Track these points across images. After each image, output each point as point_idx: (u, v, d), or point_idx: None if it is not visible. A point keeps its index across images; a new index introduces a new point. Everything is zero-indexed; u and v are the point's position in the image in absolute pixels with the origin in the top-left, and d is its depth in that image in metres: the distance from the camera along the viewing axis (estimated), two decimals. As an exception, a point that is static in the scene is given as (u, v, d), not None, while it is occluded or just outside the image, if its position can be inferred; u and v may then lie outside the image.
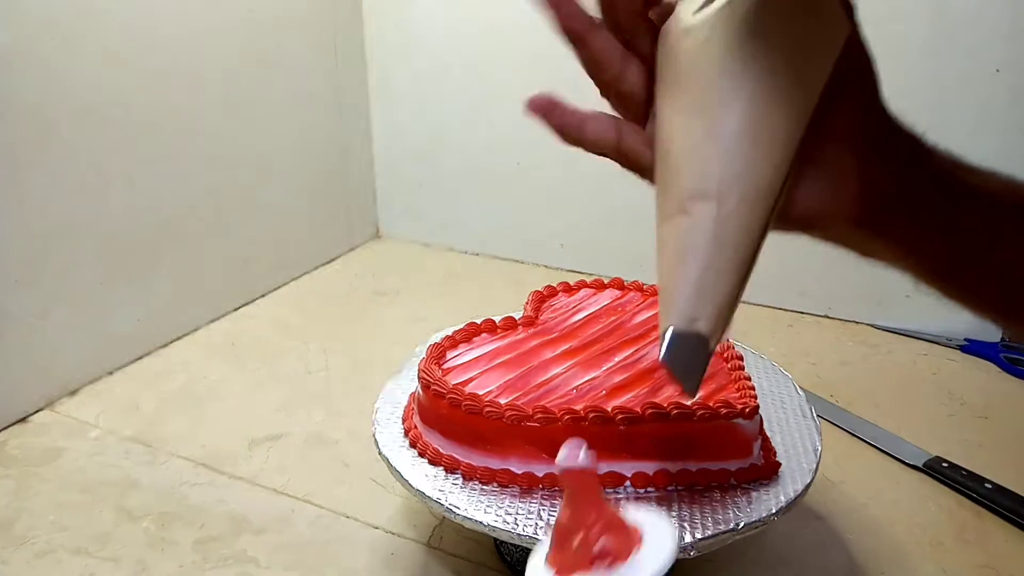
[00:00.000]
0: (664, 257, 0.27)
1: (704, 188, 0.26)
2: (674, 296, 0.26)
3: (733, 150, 0.26)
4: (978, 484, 0.56)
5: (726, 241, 0.26)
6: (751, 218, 0.26)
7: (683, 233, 0.26)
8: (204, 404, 0.69)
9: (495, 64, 0.96)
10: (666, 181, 0.28)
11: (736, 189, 0.26)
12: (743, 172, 0.26)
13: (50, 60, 0.64)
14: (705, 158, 0.26)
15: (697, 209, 0.26)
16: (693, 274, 0.26)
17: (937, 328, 0.83)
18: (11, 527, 0.53)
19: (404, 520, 0.55)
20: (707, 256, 0.26)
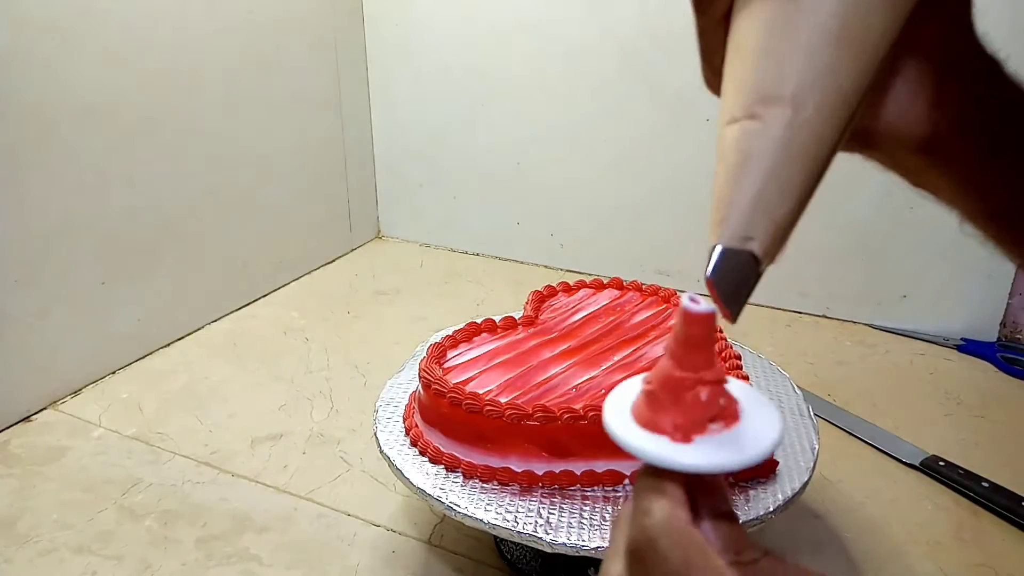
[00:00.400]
0: (723, 164, 0.24)
1: (778, 90, 0.23)
2: (729, 208, 0.24)
3: (817, 49, 0.23)
4: (975, 483, 0.57)
5: (796, 152, 0.23)
6: (826, 129, 0.23)
7: (748, 138, 0.23)
8: (206, 403, 0.70)
9: (495, 64, 0.96)
10: (736, 78, 0.24)
11: (815, 95, 0.23)
12: (825, 76, 0.23)
13: (50, 60, 0.64)
14: (783, 55, 0.23)
15: (768, 113, 0.23)
16: (753, 186, 0.23)
17: (934, 328, 0.83)
18: (14, 526, 0.54)
19: (405, 518, 0.55)
20: (772, 167, 0.23)
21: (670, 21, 0.85)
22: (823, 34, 0.22)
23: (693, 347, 0.24)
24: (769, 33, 0.23)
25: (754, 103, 0.23)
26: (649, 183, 0.93)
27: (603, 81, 0.91)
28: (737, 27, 0.25)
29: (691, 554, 0.20)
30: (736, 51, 0.25)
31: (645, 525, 0.22)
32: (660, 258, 0.96)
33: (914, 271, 0.83)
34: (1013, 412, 0.69)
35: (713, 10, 0.25)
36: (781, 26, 0.23)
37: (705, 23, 0.26)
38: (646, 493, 0.22)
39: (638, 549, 0.21)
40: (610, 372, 0.48)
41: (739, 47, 0.25)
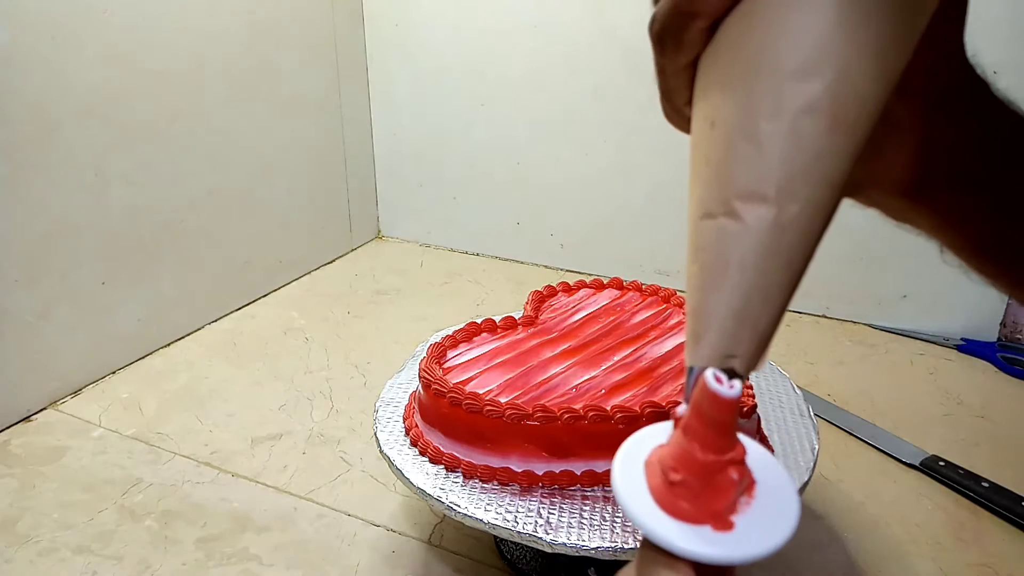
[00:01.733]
0: (698, 268, 0.21)
1: (761, 186, 0.20)
2: (707, 323, 0.21)
3: (806, 133, 0.19)
4: (975, 483, 0.57)
5: (780, 256, 0.20)
6: (814, 225, 0.20)
7: (727, 240, 0.20)
8: (206, 403, 0.70)
9: (495, 64, 0.96)
10: (709, 161, 0.21)
11: (803, 189, 0.20)
12: (814, 164, 0.20)
13: (50, 60, 0.65)
14: (765, 141, 0.20)
15: (750, 212, 0.20)
16: (735, 298, 0.20)
17: (934, 328, 0.83)
18: (14, 526, 0.54)
19: (405, 518, 0.55)
20: (754, 275, 0.20)
21: (670, 21, 0.84)
22: (812, 116, 0.19)
23: (721, 430, 0.21)
24: (747, 111, 0.20)
25: (732, 198, 0.20)
26: (649, 183, 0.93)
27: (603, 81, 0.91)
28: (708, 90, 0.22)
29: None
30: (708, 123, 0.22)
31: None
32: (660, 258, 0.96)
33: (914, 271, 0.83)
34: (1013, 412, 0.69)
35: (679, 56, 0.23)
36: (761, 104, 0.20)
37: (668, 65, 0.24)
38: (656, 569, 0.21)
39: None
40: (610, 372, 0.48)
41: (712, 119, 0.21)
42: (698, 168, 0.22)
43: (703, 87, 0.22)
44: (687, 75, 0.23)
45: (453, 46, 0.98)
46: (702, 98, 0.22)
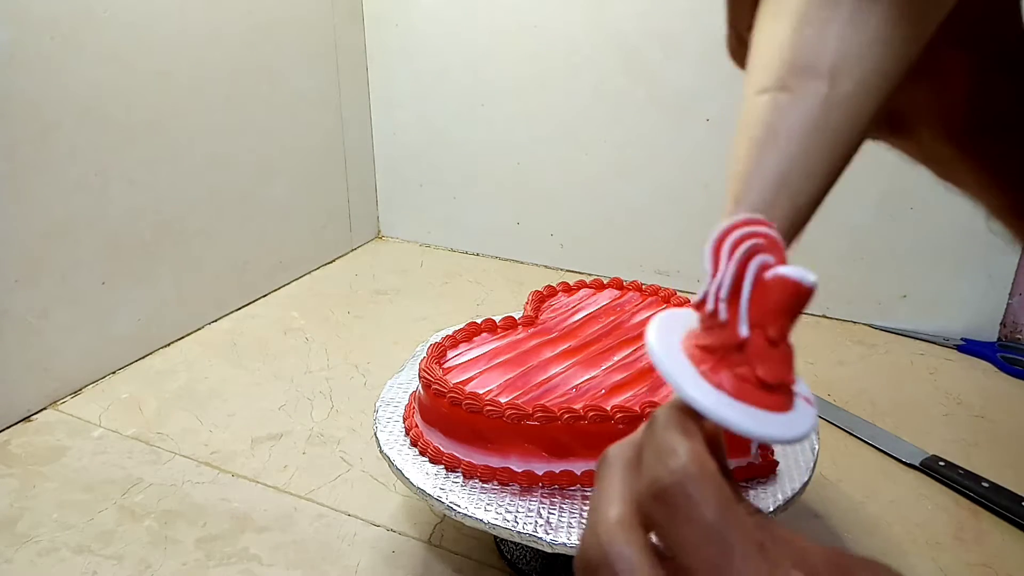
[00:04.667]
0: (744, 136, 0.22)
1: (815, 61, 0.21)
2: (747, 186, 0.21)
3: (863, 20, 0.20)
4: (975, 483, 0.57)
5: (828, 132, 0.21)
6: (863, 108, 0.21)
7: (778, 112, 0.21)
8: (206, 403, 0.70)
9: (495, 64, 0.96)
10: (768, 45, 0.22)
11: (856, 70, 0.21)
12: (868, 50, 0.21)
13: (50, 60, 0.65)
14: (824, 23, 0.21)
15: (802, 86, 0.21)
16: (777, 165, 0.21)
17: (934, 328, 0.83)
18: (14, 526, 0.54)
19: (405, 518, 0.55)
20: (800, 146, 0.21)
21: (670, 21, 0.85)
22: (871, 5, 0.20)
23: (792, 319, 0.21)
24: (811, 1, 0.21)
25: (787, 73, 0.21)
26: (649, 183, 0.93)
27: (603, 81, 0.91)
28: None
29: (726, 505, 0.18)
30: (771, 15, 0.23)
31: (673, 467, 0.19)
32: (660, 258, 0.96)
33: (914, 271, 0.83)
34: (1013, 412, 0.69)
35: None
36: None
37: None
38: (670, 432, 0.20)
39: (663, 492, 0.19)
40: (610, 372, 0.48)
41: (775, 12, 0.22)
42: (756, 56, 0.23)
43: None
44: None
45: (453, 46, 0.98)
46: (767, 2, 0.23)
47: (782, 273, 0.20)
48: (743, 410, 0.20)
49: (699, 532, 0.18)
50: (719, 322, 0.21)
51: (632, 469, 0.21)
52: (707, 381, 0.21)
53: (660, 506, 0.19)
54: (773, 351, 0.20)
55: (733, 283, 0.20)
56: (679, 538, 0.18)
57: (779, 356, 0.21)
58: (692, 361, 0.21)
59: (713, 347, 0.21)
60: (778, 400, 0.21)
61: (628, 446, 0.22)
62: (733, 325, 0.20)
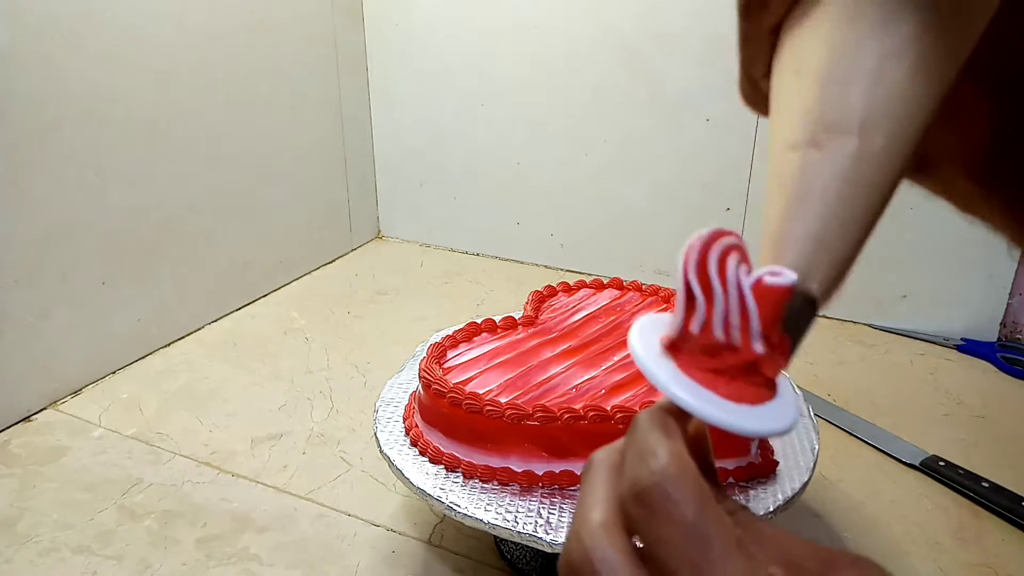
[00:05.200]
0: (778, 195, 0.22)
1: (845, 119, 0.21)
2: (785, 246, 0.21)
3: (889, 75, 0.21)
4: (975, 483, 0.57)
5: (861, 186, 0.21)
6: (894, 161, 0.21)
7: (810, 169, 0.21)
8: (206, 403, 0.70)
9: (495, 64, 0.96)
10: (795, 101, 0.23)
11: (885, 124, 0.21)
12: (896, 105, 0.21)
13: (50, 60, 0.65)
14: (850, 80, 0.21)
15: (833, 143, 0.21)
16: (814, 223, 0.21)
17: (934, 328, 0.83)
18: (14, 526, 0.54)
19: (405, 518, 0.55)
20: (835, 202, 0.21)
21: (670, 21, 0.85)
22: (896, 58, 0.21)
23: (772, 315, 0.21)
24: (834, 54, 0.21)
25: (817, 130, 0.21)
26: (649, 183, 0.93)
27: (603, 81, 0.91)
28: (794, 45, 0.23)
29: (705, 504, 0.18)
30: (791, 71, 0.23)
31: (653, 468, 0.19)
32: (660, 258, 0.96)
33: (914, 271, 0.83)
34: (1013, 412, 0.69)
35: (764, 18, 0.24)
36: (848, 47, 0.21)
37: (751, 31, 0.24)
38: (651, 434, 0.20)
39: (643, 493, 0.19)
40: (610, 372, 0.48)
41: (795, 68, 0.23)
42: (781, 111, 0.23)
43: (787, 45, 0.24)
44: (768, 42, 0.24)
45: (453, 46, 0.98)
46: (787, 53, 0.24)
47: (773, 283, 0.20)
48: (728, 406, 0.20)
49: (679, 532, 0.18)
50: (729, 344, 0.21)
51: (615, 472, 0.21)
52: (689, 378, 0.21)
53: (640, 507, 0.19)
54: (774, 352, 0.21)
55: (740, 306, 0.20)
56: (659, 538, 0.19)
57: (779, 353, 0.21)
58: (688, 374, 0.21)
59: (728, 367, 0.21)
60: (762, 391, 0.21)
61: (613, 450, 0.22)
62: (748, 346, 0.21)
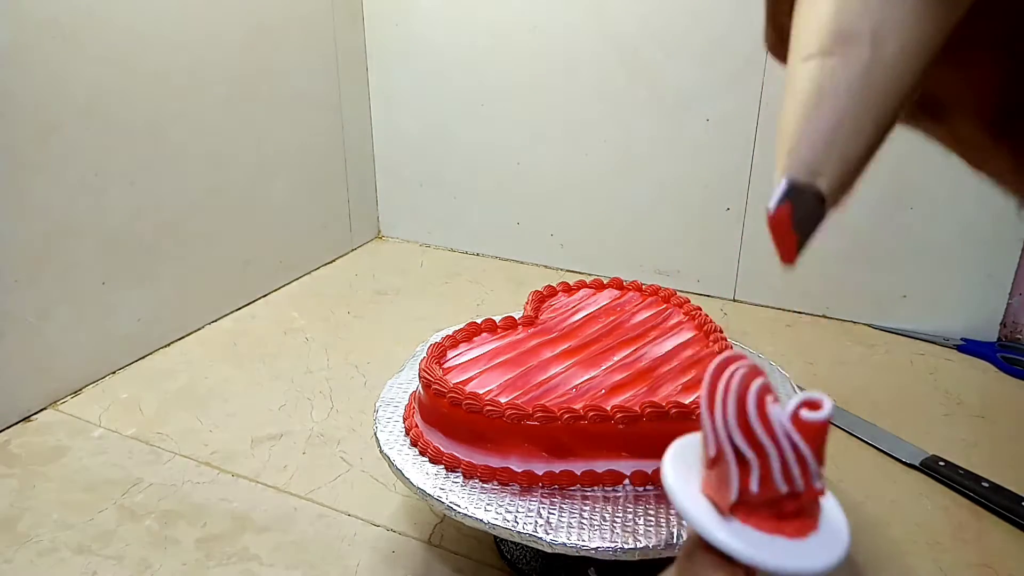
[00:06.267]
0: (792, 99, 0.23)
1: (858, 27, 0.22)
2: (799, 141, 0.22)
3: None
4: (975, 483, 0.57)
5: (873, 91, 0.22)
6: (906, 72, 0.22)
7: (824, 74, 0.22)
8: (206, 403, 0.70)
9: (495, 64, 0.96)
10: (811, 16, 0.23)
11: (897, 35, 0.21)
12: (908, 17, 0.21)
13: (50, 60, 0.65)
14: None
15: (846, 51, 0.22)
16: (827, 120, 0.22)
17: (934, 328, 0.83)
18: (14, 526, 0.54)
19: (405, 518, 0.55)
20: (848, 103, 0.22)
21: (670, 21, 0.85)
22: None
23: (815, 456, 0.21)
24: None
25: (832, 41, 0.22)
26: (649, 183, 0.93)
27: (603, 81, 0.91)
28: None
29: None
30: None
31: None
32: (660, 258, 0.96)
33: (914, 271, 0.83)
34: (1013, 412, 0.69)
35: None
36: None
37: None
38: (714, 570, 0.21)
39: None
40: (610, 372, 0.48)
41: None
42: (798, 27, 0.24)
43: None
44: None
45: (453, 46, 0.98)
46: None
47: (812, 419, 0.20)
48: (778, 546, 0.21)
49: None
50: (793, 492, 0.21)
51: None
52: (733, 520, 0.21)
53: None
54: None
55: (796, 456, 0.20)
56: None
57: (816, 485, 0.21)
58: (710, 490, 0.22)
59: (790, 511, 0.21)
60: (806, 521, 0.21)
61: None
62: (811, 487, 0.21)
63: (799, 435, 0.20)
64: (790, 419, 0.20)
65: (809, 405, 0.20)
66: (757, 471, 0.21)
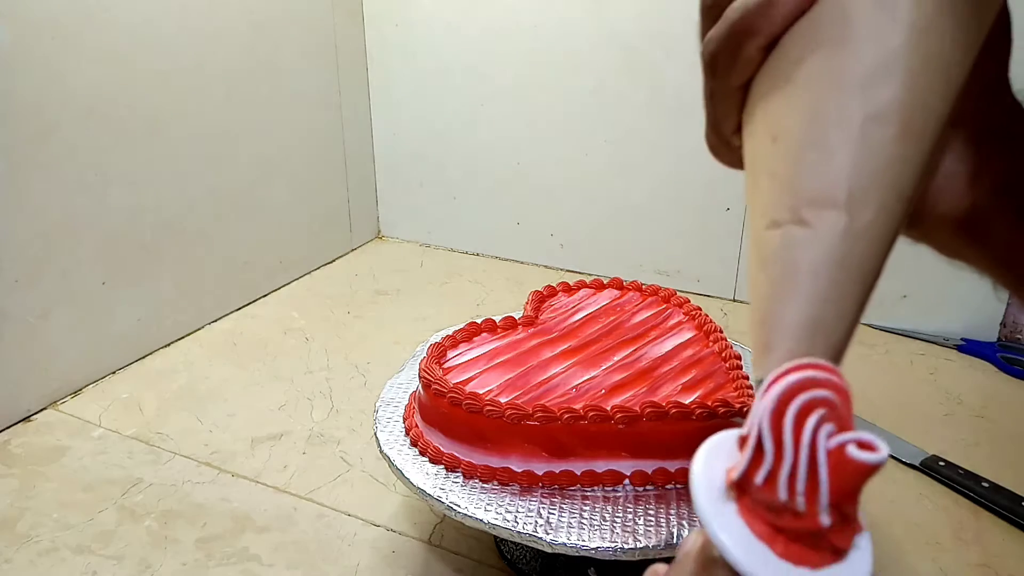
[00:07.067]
0: (764, 277, 0.20)
1: (831, 192, 0.19)
2: (777, 335, 0.20)
3: (876, 141, 0.19)
4: (975, 483, 0.57)
5: (853, 264, 0.19)
6: (886, 233, 0.20)
7: (797, 249, 0.20)
8: (206, 403, 0.70)
9: (495, 64, 0.96)
10: (773, 172, 0.21)
11: (875, 195, 0.19)
12: (885, 173, 0.19)
13: (50, 60, 0.65)
14: (834, 149, 0.19)
15: (820, 219, 0.19)
16: (806, 307, 0.19)
17: (934, 328, 0.83)
18: (14, 526, 0.54)
19: (405, 518, 0.55)
20: (826, 285, 0.19)
21: (670, 21, 0.85)
22: (880, 124, 0.19)
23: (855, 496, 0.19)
24: (813, 122, 0.20)
25: (801, 205, 0.20)
26: (649, 183, 0.93)
27: (603, 81, 0.91)
28: (767, 108, 0.21)
29: None
30: (766, 135, 0.21)
31: None
32: (660, 258, 0.96)
33: (914, 271, 0.82)
34: (1013, 412, 0.69)
35: (732, 76, 0.23)
36: (828, 115, 0.20)
37: (718, 88, 0.23)
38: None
39: None
40: (610, 372, 0.48)
41: (772, 132, 0.21)
42: (759, 183, 0.21)
43: (760, 106, 0.22)
44: (737, 98, 0.23)
45: (453, 46, 0.98)
46: (759, 116, 0.22)
47: (860, 458, 0.18)
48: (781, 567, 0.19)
49: None
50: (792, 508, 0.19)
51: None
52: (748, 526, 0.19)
53: None
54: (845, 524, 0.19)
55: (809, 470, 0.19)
56: None
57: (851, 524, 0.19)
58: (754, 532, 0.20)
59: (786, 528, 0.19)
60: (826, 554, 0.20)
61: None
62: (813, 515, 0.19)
63: (826, 458, 0.18)
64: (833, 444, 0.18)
65: (862, 445, 0.18)
66: (767, 466, 0.19)
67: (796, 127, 0.20)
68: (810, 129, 0.20)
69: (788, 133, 0.20)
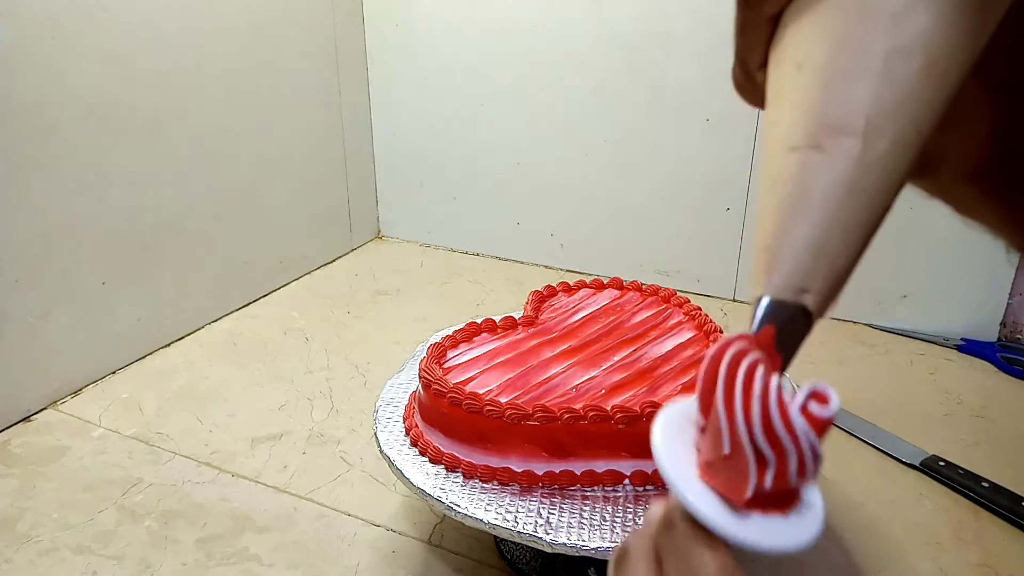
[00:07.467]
0: (773, 199, 0.21)
1: (850, 120, 0.20)
2: (781, 254, 0.20)
3: (898, 75, 0.20)
4: (975, 483, 0.57)
5: (864, 192, 0.20)
6: (899, 166, 0.20)
7: (811, 172, 0.20)
8: (206, 403, 0.70)
9: (495, 64, 0.96)
10: (795, 99, 0.21)
11: (891, 126, 0.20)
12: (903, 106, 0.20)
13: (50, 60, 0.65)
14: (856, 78, 0.20)
15: (836, 145, 0.20)
16: (812, 230, 0.20)
17: (934, 328, 0.83)
18: (14, 525, 0.54)
19: (405, 518, 0.55)
20: (835, 209, 0.20)
21: (670, 21, 0.85)
22: (906, 56, 0.19)
23: None
24: (840, 51, 0.20)
25: (820, 132, 0.20)
26: (649, 183, 0.93)
27: (603, 81, 0.91)
28: (796, 37, 0.22)
29: None
30: (792, 64, 0.22)
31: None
32: (660, 258, 0.96)
33: (914, 271, 0.83)
34: (1013, 412, 0.69)
35: (764, 5, 0.23)
36: (855, 44, 0.20)
37: (750, 18, 0.23)
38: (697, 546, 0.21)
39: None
40: (610, 372, 0.48)
41: (798, 60, 0.21)
42: (780, 109, 0.22)
43: (789, 35, 0.22)
44: (767, 30, 0.23)
45: (453, 46, 0.98)
46: (787, 45, 0.22)
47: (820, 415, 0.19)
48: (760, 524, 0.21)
49: None
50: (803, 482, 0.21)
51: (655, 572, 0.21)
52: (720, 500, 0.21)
53: None
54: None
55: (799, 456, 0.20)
56: None
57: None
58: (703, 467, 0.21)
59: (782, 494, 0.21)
60: (789, 501, 0.21)
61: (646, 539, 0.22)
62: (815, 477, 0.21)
63: (815, 434, 0.19)
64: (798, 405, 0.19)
65: (817, 397, 0.19)
66: (774, 469, 0.20)
67: (822, 55, 0.21)
68: (836, 58, 0.20)
69: (813, 61, 0.21)
